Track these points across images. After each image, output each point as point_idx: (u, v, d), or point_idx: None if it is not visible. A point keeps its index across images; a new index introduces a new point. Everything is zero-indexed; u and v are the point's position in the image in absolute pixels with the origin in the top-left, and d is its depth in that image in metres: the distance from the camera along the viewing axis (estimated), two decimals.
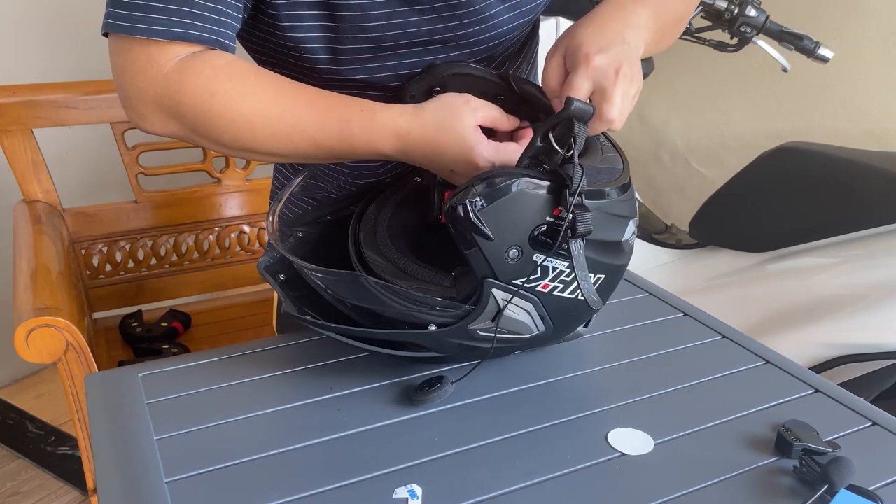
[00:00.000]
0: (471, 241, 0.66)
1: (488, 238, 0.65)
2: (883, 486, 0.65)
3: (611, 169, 0.72)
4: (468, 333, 0.71)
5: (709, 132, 2.25)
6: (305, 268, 0.73)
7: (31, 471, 1.92)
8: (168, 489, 0.62)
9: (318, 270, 0.73)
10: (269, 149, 0.76)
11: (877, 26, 1.87)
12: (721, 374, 0.81)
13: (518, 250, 0.66)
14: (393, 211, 0.80)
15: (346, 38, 0.78)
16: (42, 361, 1.14)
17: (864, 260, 1.51)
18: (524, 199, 0.66)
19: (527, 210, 0.66)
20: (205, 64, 0.72)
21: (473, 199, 0.65)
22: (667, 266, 1.79)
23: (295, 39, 0.77)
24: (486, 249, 0.66)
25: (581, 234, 0.66)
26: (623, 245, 0.73)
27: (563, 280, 0.69)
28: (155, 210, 1.66)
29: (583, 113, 0.67)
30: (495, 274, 0.67)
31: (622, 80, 0.71)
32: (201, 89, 0.72)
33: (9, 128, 1.47)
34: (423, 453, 0.68)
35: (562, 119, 0.67)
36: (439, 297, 0.70)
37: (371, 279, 0.71)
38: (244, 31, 0.80)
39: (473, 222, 0.65)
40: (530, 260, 0.67)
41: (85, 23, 2.10)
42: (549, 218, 0.66)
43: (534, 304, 0.70)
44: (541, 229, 0.66)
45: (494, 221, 0.65)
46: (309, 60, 0.79)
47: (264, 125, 0.74)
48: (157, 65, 0.72)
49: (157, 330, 1.65)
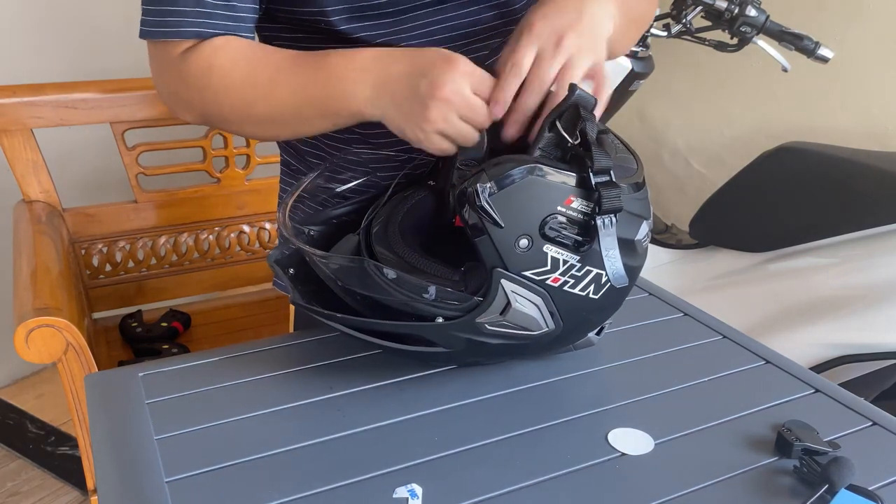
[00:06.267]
0: (480, 228, 0.65)
1: (498, 225, 0.65)
2: (883, 486, 0.65)
3: (625, 167, 0.72)
4: (476, 327, 0.70)
5: (709, 132, 2.25)
6: (315, 255, 0.73)
7: (31, 471, 1.92)
8: (168, 489, 0.62)
9: (328, 257, 0.73)
10: (262, 113, 0.78)
11: (877, 26, 1.87)
12: (721, 374, 0.81)
13: (528, 240, 0.66)
14: (405, 213, 0.80)
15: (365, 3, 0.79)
16: (42, 361, 1.14)
17: (864, 260, 1.51)
18: (536, 186, 0.65)
19: (539, 198, 0.65)
20: (205, 45, 0.77)
21: (485, 185, 0.64)
22: (667, 266, 1.79)
23: (314, 13, 0.80)
24: (495, 237, 0.65)
25: (608, 211, 0.65)
26: (636, 245, 0.72)
27: (573, 275, 0.68)
28: (155, 210, 1.66)
29: (586, 100, 0.68)
30: (504, 264, 0.67)
31: (567, 47, 0.70)
32: (201, 67, 0.77)
33: (9, 128, 1.47)
34: (423, 453, 0.68)
35: (566, 107, 0.67)
36: (448, 289, 0.70)
37: (381, 266, 0.70)
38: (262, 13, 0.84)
39: (484, 208, 0.64)
40: (540, 251, 0.66)
41: (85, 23, 2.11)
42: (560, 207, 0.66)
43: (543, 298, 0.69)
44: (552, 219, 0.66)
45: (505, 208, 0.65)
46: (329, 25, 0.81)
47: (254, 87, 0.77)
48: (175, 61, 0.78)
49: (157, 330, 1.66)
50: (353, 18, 0.81)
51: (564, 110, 0.68)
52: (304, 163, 0.99)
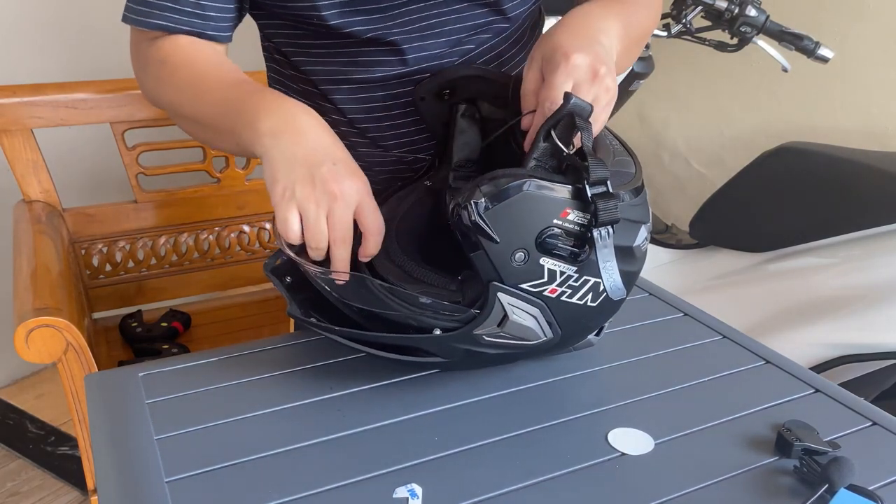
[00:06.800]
0: (476, 243, 0.65)
1: (493, 240, 0.64)
2: (883, 486, 0.65)
3: (623, 172, 0.71)
4: (474, 338, 0.70)
5: (709, 132, 2.25)
6: (311, 269, 0.73)
7: (31, 471, 1.92)
8: (168, 489, 0.62)
9: (324, 272, 0.73)
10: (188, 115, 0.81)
11: (877, 26, 1.87)
12: (721, 374, 0.81)
13: (524, 253, 0.65)
14: (402, 215, 0.80)
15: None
16: (42, 361, 1.14)
17: (864, 260, 1.51)
18: (531, 200, 0.64)
19: (534, 212, 0.65)
20: (168, 40, 0.82)
21: (478, 200, 0.64)
22: (667, 266, 1.79)
23: (306, 8, 0.81)
24: (491, 252, 0.65)
25: (604, 223, 0.65)
26: (635, 251, 0.72)
27: (570, 285, 0.68)
28: (155, 210, 1.66)
29: (581, 109, 0.67)
30: (501, 277, 0.66)
31: (601, 81, 0.71)
32: (158, 59, 0.82)
33: (9, 128, 1.47)
34: (423, 453, 0.68)
35: (561, 116, 0.67)
36: (445, 301, 0.69)
37: (376, 282, 0.71)
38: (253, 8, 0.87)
39: (478, 224, 0.64)
40: (537, 263, 0.66)
41: (85, 23, 2.11)
42: (556, 220, 0.65)
43: (541, 309, 0.69)
44: (548, 232, 0.65)
45: (500, 223, 0.64)
46: (321, 20, 0.82)
47: (185, 92, 0.81)
48: (143, 46, 0.84)
49: (157, 330, 1.65)
50: (344, 13, 0.82)
51: (559, 119, 0.67)
52: None
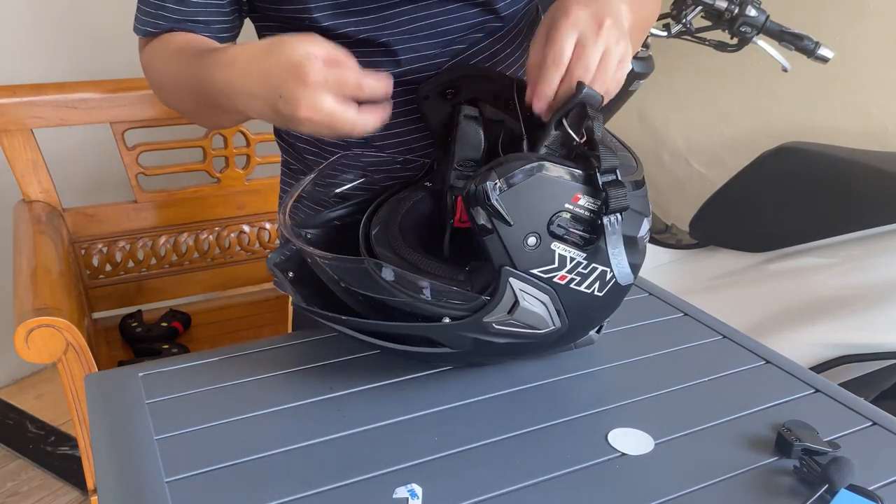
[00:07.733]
0: (490, 226, 0.65)
1: (507, 223, 0.65)
2: (883, 486, 0.65)
3: (625, 165, 0.72)
4: (483, 326, 0.70)
5: (709, 132, 2.25)
6: (319, 256, 0.73)
7: (31, 471, 1.92)
8: (168, 489, 0.62)
9: (332, 258, 0.72)
10: (181, 109, 0.85)
11: (877, 26, 1.87)
12: (721, 374, 0.81)
13: (537, 237, 0.66)
14: (404, 214, 0.80)
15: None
16: (42, 361, 1.14)
17: (864, 260, 1.51)
18: (545, 183, 0.65)
19: (546, 195, 0.66)
20: (153, 42, 0.84)
21: (493, 182, 0.64)
22: (667, 266, 1.79)
23: (298, 10, 0.81)
24: (504, 235, 0.65)
25: (615, 210, 0.66)
26: (638, 242, 0.72)
27: (580, 272, 0.69)
28: (155, 210, 1.66)
29: (593, 98, 0.67)
30: (513, 262, 0.67)
31: (607, 32, 0.69)
32: (144, 63, 0.86)
33: (9, 128, 1.47)
34: (423, 453, 0.68)
35: (573, 104, 0.67)
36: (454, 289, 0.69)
37: (383, 264, 0.70)
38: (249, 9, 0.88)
39: (494, 206, 0.64)
40: (548, 248, 0.67)
41: (85, 23, 2.11)
42: (567, 205, 0.66)
43: (550, 296, 0.69)
44: (560, 216, 0.66)
45: (514, 206, 0.65)
46: (312, 22, 0.81)
47: (165, 87, 0.85)
48: (141, 53, 0.87)
49: (157, 330, 1.66)
50: (336, 15, 0.81)
51: (571, 108, 0.68)
52: (303, 163, 0.99)
